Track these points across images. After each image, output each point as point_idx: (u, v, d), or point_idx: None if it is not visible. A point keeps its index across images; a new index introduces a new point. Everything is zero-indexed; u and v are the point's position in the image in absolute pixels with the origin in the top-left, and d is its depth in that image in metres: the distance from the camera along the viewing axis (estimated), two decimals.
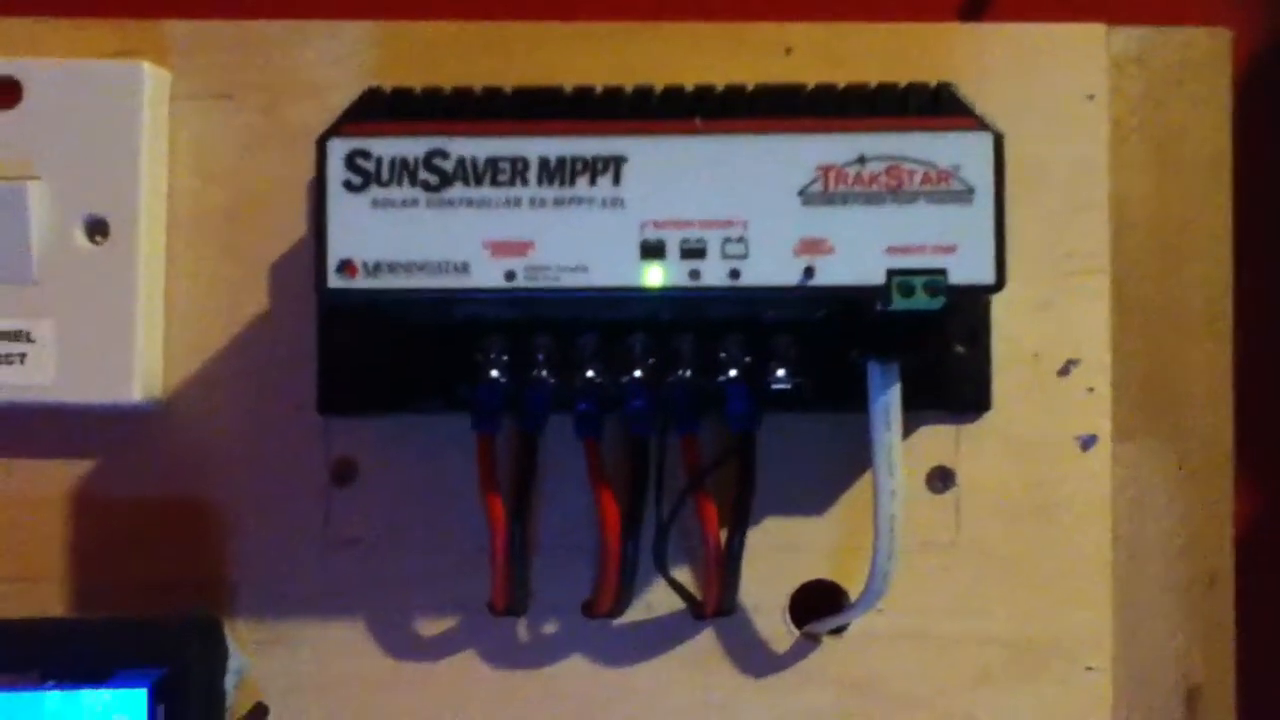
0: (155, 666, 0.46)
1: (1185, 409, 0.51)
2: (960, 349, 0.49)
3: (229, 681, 0.48)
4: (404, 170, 0.42)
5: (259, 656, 0.50)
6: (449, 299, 0.43)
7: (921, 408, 0.48)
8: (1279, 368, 0.53)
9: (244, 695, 0.49)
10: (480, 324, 0.46)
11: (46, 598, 0.50)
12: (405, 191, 0.42)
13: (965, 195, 0.42)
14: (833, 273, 0.42)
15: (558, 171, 0.42)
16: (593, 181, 0.42)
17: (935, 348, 0.48)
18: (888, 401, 0.45)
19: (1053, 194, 0.50)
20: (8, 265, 0.49)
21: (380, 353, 0.48)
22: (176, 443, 0.50)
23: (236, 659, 0.48)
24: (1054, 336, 0.50)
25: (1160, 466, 0.51)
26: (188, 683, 0.47)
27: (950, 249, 0.42)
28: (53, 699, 0.45)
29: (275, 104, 0.51)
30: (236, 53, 0.51)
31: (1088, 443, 0.50)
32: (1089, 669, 0.50)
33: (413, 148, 0.42)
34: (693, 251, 0.42)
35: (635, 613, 0.50)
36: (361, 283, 0.42)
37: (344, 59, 0.51)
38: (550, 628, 0.50)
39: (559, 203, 0.42)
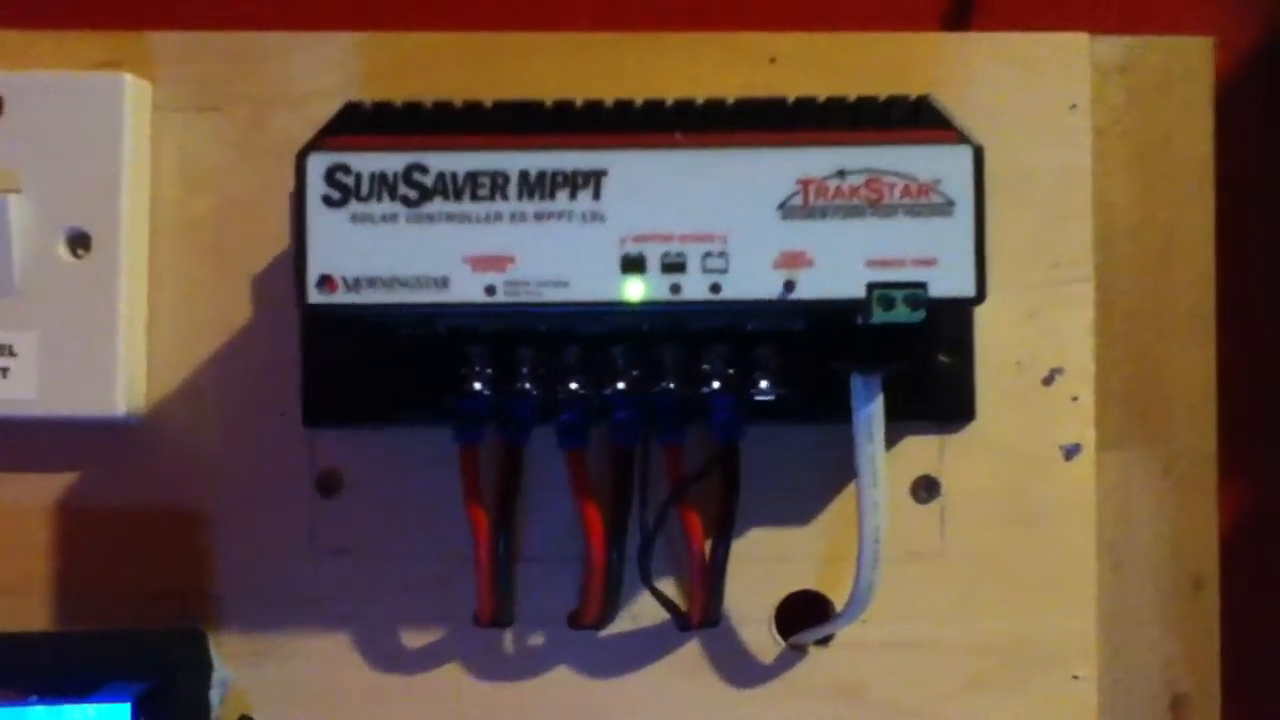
0: (139, 680, 0.46)
1: (1170, 416, 0.51)
2: (944, 359, 0.49)
3: (214, 694, 0.48)
4: (383, 185, 0.42)
5: (245, 668, 0.50)
6: (429, 313, 0.43)
7: (906, 417, 0.48)
8: (1263, 374, 0.53)
9: (229, 708, 0.49)
10: (464, 336, 0.46)
11: (30, 611, 0.50)
12: (385, 206, 0.42)
13: (945, 208, 0.42)
14: (813, 286, 0.42)
15: (537, 185, 0.42)
16: (573, 195, 0.42)
17: (919, 358, 0.48)
18: (870, 413, 0.45)
19: (1036, 203, 0.50)
20: None
21: (365, 365, 0.48)
22: (161, 454, 0.50)
23: (221, 671, 0.48)
24: (1038, 346, 0.50)
25: (1145, 473, 0.51)
26: (172, 696, 0.47)
27: (930, 262, 0.42)
28: (36, 714, 0.45)
29: (262, 115, 0.51)
30: (224, 64, 0.51)
31: (1072, 452, 0.50)
32: (1075, 677, 0.50)
33: (392, 162, 0.42)
34: (673, 265, 0.42)
35: (621, 624, 0.50)
36: (342, 298, 0.42)
37: (332, 70, 0.51)
38: (536, 639, 0.50)
39: (539, 216, 0.42)
